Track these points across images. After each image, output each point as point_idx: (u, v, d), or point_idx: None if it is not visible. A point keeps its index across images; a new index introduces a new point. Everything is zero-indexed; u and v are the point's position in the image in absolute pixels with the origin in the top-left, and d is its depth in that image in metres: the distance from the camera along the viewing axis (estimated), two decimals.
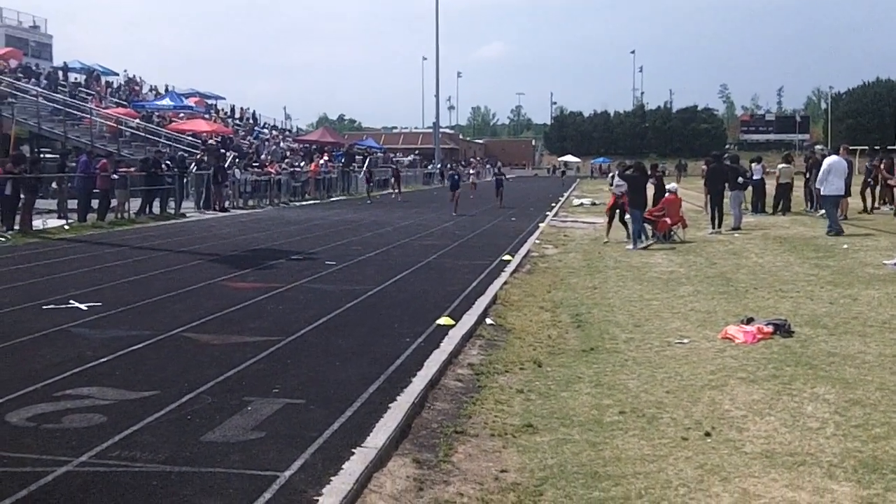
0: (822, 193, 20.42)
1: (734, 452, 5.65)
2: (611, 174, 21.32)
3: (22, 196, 21.04)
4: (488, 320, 10.38)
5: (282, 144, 52.22)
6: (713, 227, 21.82)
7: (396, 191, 45.70)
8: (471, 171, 52.27)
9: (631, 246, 18.03)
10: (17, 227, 20.59)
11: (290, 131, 67.21)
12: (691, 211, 26.56)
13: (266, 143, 50.66)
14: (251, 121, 60.48)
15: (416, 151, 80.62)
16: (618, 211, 20.02)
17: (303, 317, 10.17)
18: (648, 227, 19.26)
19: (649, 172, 20.49)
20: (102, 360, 7.89)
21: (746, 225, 22.63)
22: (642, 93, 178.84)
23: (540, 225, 25.69)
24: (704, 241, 19.62)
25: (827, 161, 20.62)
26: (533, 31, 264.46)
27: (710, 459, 5.54)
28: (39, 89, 39.75)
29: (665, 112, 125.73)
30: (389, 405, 6.55)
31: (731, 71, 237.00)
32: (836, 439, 5.88)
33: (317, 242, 19.42)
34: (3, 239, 19.17)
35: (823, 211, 22.18)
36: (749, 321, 9.41)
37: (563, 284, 13.38)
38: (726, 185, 22.56)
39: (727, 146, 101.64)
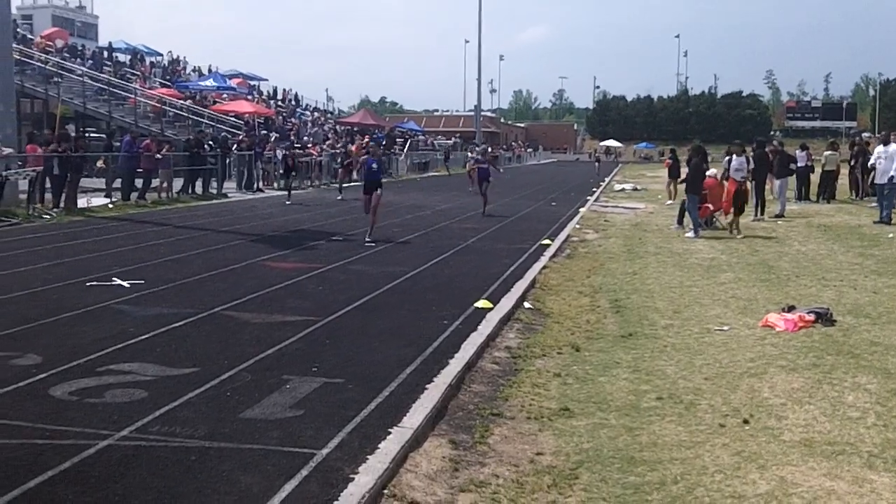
0: (893, 182, 19.97)
1: (772, 440, 5.61)
2: (727, 157, 19.42)
3: (67, 174, 21.32)
4: (526, 304, 10.36)
5: (325, 127, 52.39)
6: (756, 214, 21.56)
7: (344, 183, 30.52)
8: (470, 155, 39.83)
9: (692, 234, 17.78)
10: (61, 204, 20.91)
11: (331, 113, 67.40)
12: None
13: (307, 124, 50.85)
14: (293, 102, 60.68)
15: (458, 134, 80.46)
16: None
17: (342, 297, 10.23)
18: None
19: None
20: (144, 336, 8.00)
21: (790, 212, 22.34)
22: (686, 77, 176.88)
23: (580, 210, 25.57)
24: (747, 227, 19.38)
25: (891, 150, 20.21)
26: (576, 15, 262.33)
27: (747, 447, 5.50)
28: (85, 69, 40.24)
29: (709, 97, 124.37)
30: (426, 386, 6.59)
31: (777, 56, 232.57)
32: (877, 429, 5.81)
33: (356, 224, 19.46)
34: (48, 216, 19.49)
35: (876, 200, 21.73)
36: (790, 309, 9.31)
37: (602, 269, 13.32)
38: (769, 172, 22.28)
39: (772, 133, 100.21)
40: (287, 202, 25.86)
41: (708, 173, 19.77)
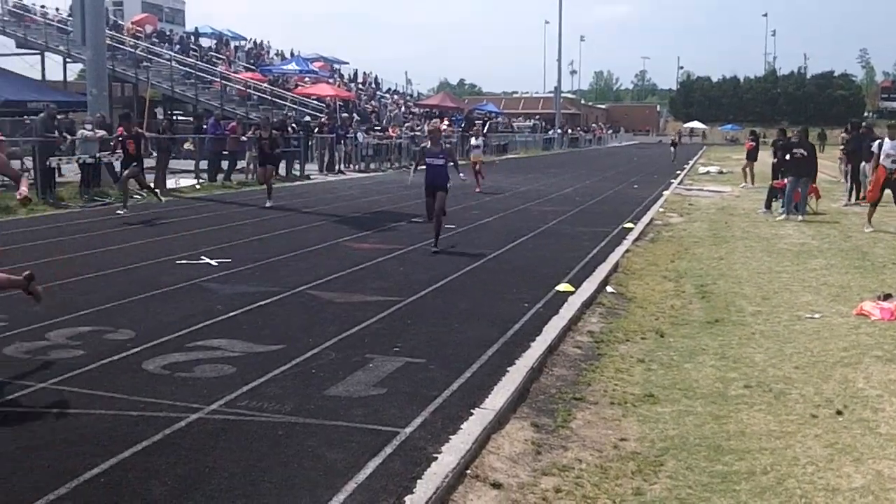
0: None
1: (868, 433, 5.43)
2: (878, 140, 16.76)
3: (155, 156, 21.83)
4: (609, 288, 10.25)
5: (402, 109, 52.57)
6: (849, 199, 20.93)
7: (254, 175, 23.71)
8: (473, 143, 26.67)
9: (784, 214, 17.64)
10: (151, 185, 21.42)
11: (411, 96, 67.55)
12: (825, 181, 25.53)
13: (387, 107, 51.08)
14: (373, 85, 61.03)
15: (537, 116, 79.94)
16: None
17: (422, 278, 10.26)
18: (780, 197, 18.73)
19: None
20: (231, 314, 8.16)
21: (887, 196, 21.54)
22: (774, 57, 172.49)
23: (664, 193, 25.17)
24: (839, 212, 18.85)
25: None
26: None
27: (840, 438, 5.34)
28: (173, 53, 41.04)
29: (798, 78, 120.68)
30: (508, 368, 6.57)
31: (871, 34, 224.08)
32: None
33: None
34: (138, 197, 19.99)
35: None
36: (887, 297, 9.01)
37: (687, 254, 13.09)
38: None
39: (866, 115, 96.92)
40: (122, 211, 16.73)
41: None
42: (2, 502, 4.13)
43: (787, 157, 18.41)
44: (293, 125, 30.26)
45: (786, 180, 18.21)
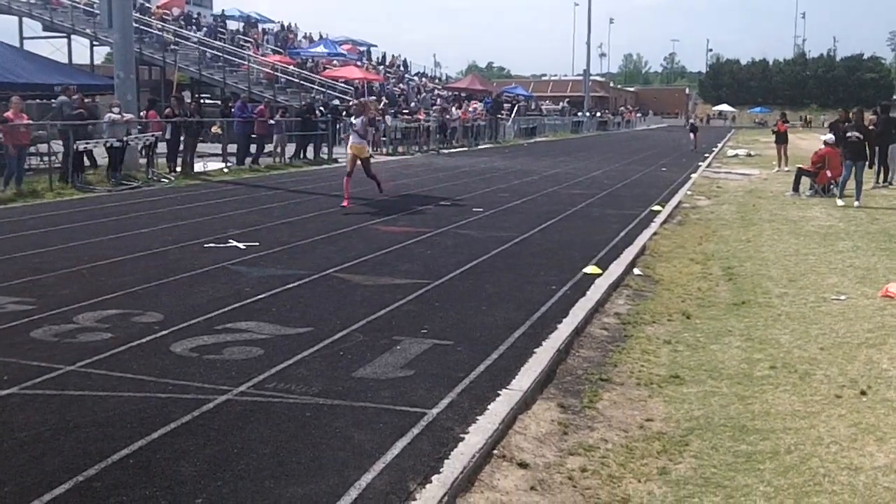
0: None
1: (891, 412, 5.43)
2: None
3: (181, 138, 21.97)
4: (636, 270, 10.25)
5: (435, 92, 52.47)
6: (877, 181, 20.71)
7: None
8: (352, 121, 17.28)
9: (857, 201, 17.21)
10: (178, 169, 21.59)
11: (439, 79, 67.36)
12: None
13: (415, 89, 51.02)
14: (402, 68, 60.95)
15: (567, 99, 79.50)
16: None
17: (450, 261, 10.31)
18: (808, 179, 18.57)
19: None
20: (259, 296, 8.24)
21: None
22: (804, 40, 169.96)
23: (692, 176, 25.04)
24: (867, 195, 18.63)
25: None
26: None
27: (864, 418, 5.35)
28: (200, 36, 41.19)
29: (828, 61, 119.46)
30: (535, 350, 6.61)
31: None
32: None
33: (464, 189, 19.54)
34: (166, 180, 20.18)
35: None
36: None
37: (714, 236, 13.05)
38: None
39: (895, 97, 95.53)
40: None
41: (826, 139, 19.05)
42: (33, 483, 4.21)
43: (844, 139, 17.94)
44: (321, 108, 30.35)
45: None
